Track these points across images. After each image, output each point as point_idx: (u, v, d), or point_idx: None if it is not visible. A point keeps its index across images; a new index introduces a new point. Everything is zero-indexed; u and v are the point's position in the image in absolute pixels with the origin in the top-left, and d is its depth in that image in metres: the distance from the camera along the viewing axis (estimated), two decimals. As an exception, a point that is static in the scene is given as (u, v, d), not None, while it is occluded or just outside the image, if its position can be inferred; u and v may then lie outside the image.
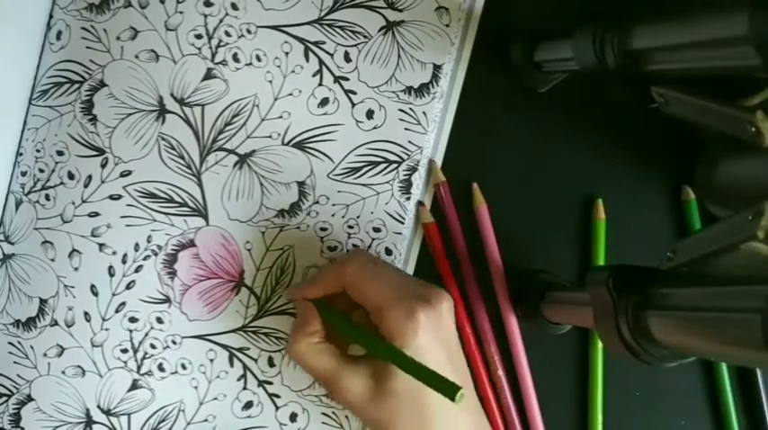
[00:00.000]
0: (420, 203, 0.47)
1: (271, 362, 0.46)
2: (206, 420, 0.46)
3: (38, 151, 0.45)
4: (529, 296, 0.46)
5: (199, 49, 0.45)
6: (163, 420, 0.46)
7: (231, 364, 0.46)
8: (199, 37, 0.45)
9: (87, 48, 0.45)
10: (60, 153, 0.45)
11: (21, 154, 0.45)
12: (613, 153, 0.49)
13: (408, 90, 0.46)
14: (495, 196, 0.47)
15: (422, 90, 0.46)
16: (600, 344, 0.48)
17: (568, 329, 0.47)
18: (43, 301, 0.45)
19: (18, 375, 0.46)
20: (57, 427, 0.46)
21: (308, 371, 0.41)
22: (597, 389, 0.48)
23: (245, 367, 0.46)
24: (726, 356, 0.40)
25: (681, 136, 0.48)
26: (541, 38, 0.44)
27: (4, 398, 0.46)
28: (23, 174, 0.45)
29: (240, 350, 0.46)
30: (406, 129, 0.46)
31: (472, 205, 0.47)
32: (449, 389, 0.33)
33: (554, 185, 0.48)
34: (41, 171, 0.45)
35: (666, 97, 0.35)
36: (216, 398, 0.46)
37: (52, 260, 0.45)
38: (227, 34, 0.45)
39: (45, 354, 0.45)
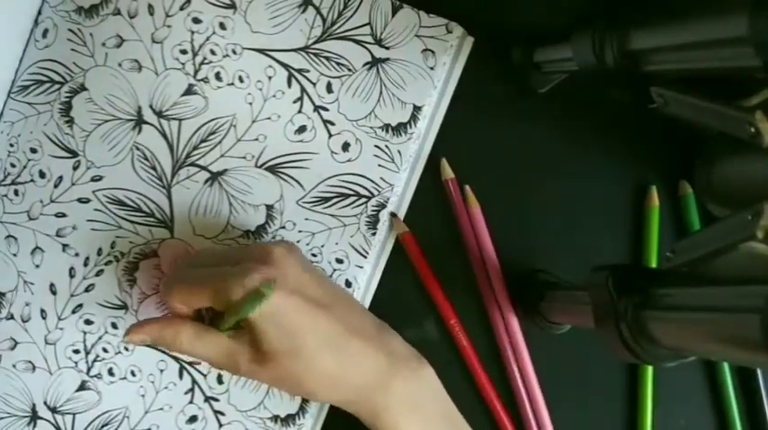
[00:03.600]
0: (393, 215, 0.47)
1: (220, 380, 0.47)
2: (149, 429, 0.47)
3: (11, 146, 0.45)
4: (529, 296, 0.46)
5: (182, 64, 0.45)
6: (107, 424, 0.47)
7: (180, 377, 0.47)
8: (184, 52, 0.45)
9: (72, 50, 0.45)
10: (34, 150, 0.45)
11: (-6, 147, 0.46)
12: (613, 153, 0.49)
13: (386, 127, 0.46)
14: (494, 196, 0.48)
15: (399, 129, 0.46)
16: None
17: (568, 329, 0.47)
18: (1, 295, 0.46)
19: (-31, 363, 0.46)
20: (2, 418, 0.46)
21: (200, 356, 0.41)
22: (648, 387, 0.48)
23: (194, 381, 0.47)
24: (725, 356, 0.40)
25: (681, 136, 0.48)
26: (541, 39, 0.44)
27: (-47, 385, 0.46)
28: (-5, 167, 0.46)
29: (191, 364, 0.47)
30: (379, 165, 0.46)
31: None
32: (259, 294, 0.35)
33: (554, 185, 0.48)
34: (13, 166, 0.45)
35: (666, 97, 0.35)
36: (161, 409, 0.47)
37: (14, 255, 0.46)
38: (213, 52, 0.45)
39: (-3, 346, 0.46)
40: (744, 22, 0.27)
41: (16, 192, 0.45)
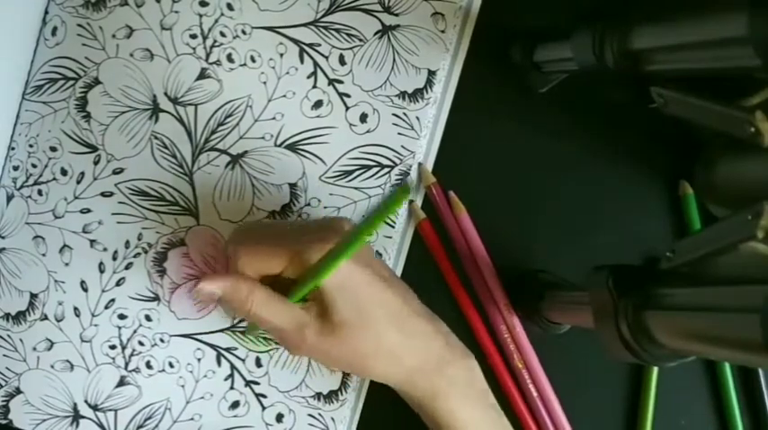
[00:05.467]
0: (410, 201, 0.47)
1: (258, 363, 0.46)
2: (192, 419, 0.46)
3: (30, 146, 0.45)
4: (529, 296, 0.46)
5: (193, 48, 0.45)
6: (149, 417, 0.46)
7: (219, 364, 0.46)
8: (194, 37, 0.45)
9: (83, 45, 0.45)
10: (53, 149, 0.45)
11: (13, 148, 0.46)
12: (613, 153, 0.48)
13: (402, 95, 0.46)
14: (494, 197, 0.47)
15: (416, 95, 0.46)
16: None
17: (568, 329, 0.47)
18: (33, 296, 0.46)
19: (7, 368, 0.46)
20: (44, 420, 0.46)
21: (268, 322, 0.39)
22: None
23: (233, 367, 0.46)
24: (725, 356, 0.40)
25: (681, 135, 0.47)
26: (541, 38, 0.44)
27: (-7, 391, 0.46)
28: (15, 168, 0.45)
29: (228, 350, 0.46)
30: (399, 133, 0.46)
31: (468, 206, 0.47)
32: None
33: (554, 185, 0.48)
34: (34, 166, 0.45)
35: (666, 97, 0.35)
36: (203, 397, 0.46)
37: (43, 255, 0.45)
38: (222, 34, 0.45)
39: (34, 348, 0.46)
40: (743, 21, 0.27)
41: (40, 192, 0.45)
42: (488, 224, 0.47)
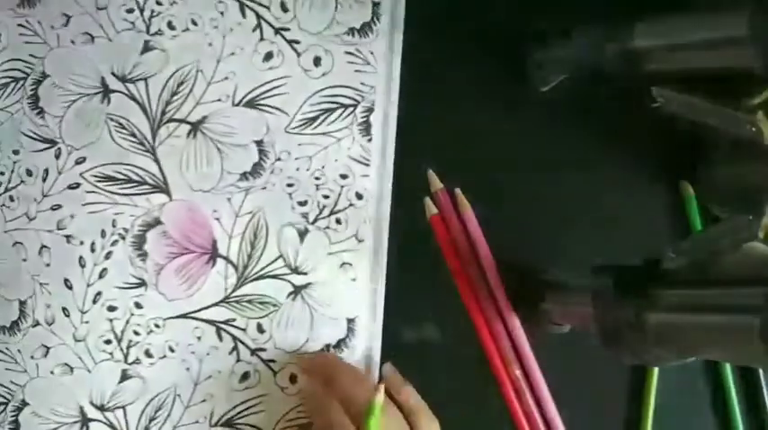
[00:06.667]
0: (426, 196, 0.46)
1: (260, 329, 0.45)
2: (204, 400, 0.45)
3: (-6, 155, 0.45)
4: (529, 296, 0.45)
5: (132, 23, 0.44)
6: (159, 408, 0.45)
7: (220, 339, 0.45)
8: (130, 11, 0.44)
9: (26, 43, 0.45)
10: (16, 152, 0.45)
11: (-22, 161, 0.45)
12: (613, 153, 0.48)
13: (351, 31, 0.45)
14: (493, 197, 0.47)
15: (364, 29, 0.45)
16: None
17: (569, 329, 0.46)
18: (22, 303, 0.45)
19: (11, 381, 0.45)
20: (55, 429, 0.45)
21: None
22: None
23: (235, 339, 0.45)
24: (726, 356, 0.40)
25: (681, 136, 0.46)
26: (542, 38, 0.44)
27: (2, 406, 0.45)
28: (-16, 180, 0.45)
29: (226, 322, 0.45)
30: (356, 71, 0.45)
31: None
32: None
33: (555, 185, 0.47)
34: (2, 173, 0.45)
35: (666, 97, 0.35)
36: (210, 376, 0.45)
37: (24, 260, 0.45)
38: (158, 3, 0.44)
39: (32, 356, 0.45)
40: (744, 21, 0.28)
41: (11, 198, 0.45)
42: (487, 225, 0.46)
